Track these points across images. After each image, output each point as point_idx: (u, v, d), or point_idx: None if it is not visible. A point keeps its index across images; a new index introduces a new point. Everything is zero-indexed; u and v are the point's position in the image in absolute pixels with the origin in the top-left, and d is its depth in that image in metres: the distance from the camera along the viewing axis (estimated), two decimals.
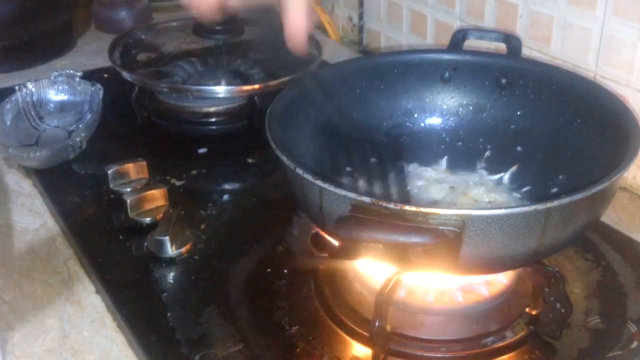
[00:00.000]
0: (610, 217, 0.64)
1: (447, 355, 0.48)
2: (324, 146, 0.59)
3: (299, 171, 0.43)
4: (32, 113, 0.77)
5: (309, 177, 0.43)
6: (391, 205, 0.39)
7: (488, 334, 0.50)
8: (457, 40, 0.64)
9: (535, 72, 0.59)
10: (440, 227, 0.38)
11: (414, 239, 0.36)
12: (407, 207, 0.39)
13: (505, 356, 0.49)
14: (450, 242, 0.38)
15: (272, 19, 0.48)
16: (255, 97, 0.77)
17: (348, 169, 0.58)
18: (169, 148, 0.77)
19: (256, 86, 0.77)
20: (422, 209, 0.39)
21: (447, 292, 0.50)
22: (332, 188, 0.42)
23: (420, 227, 0.37)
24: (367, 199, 0.40)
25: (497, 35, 0.64)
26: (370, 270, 0.52)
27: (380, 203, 0.40)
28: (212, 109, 0.80)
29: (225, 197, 0.67)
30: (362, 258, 0.45)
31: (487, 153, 0.62)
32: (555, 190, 0.56)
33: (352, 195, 0.41)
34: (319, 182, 0.42)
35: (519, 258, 0.44)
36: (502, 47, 0.63)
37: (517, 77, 0.60)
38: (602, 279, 0.56)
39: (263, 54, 0.89)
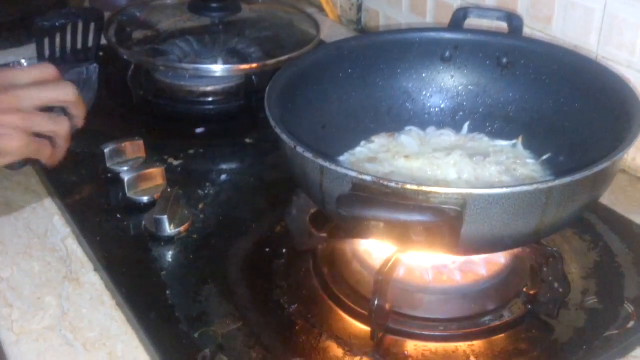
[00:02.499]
0: (609, 198, 0.64)
1: (445, 334, 0.49)
2: (323, 125, 0.58)
3: (300, 149, 0.43)
4: None
5: (309, 155, 0.42)
6: (392, 184, 0.39)
7: (486, 313, 0.50)
8: (458, 19, 0.63)
9: (536, 52, 0.59)
10: (442, 206, 0.38)
11: (416, 217, 0.36)
12: (408, 186, 0.39)
13: (503, 335, 0.49)
14: (451, 220, 0.38)
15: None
16: (253, 77, 0.76)
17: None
18: (166, 127, 0.76)
19: (254, 65, 0.77)
20: (424, 188, 0.39)
21: (445, 271, 0.50)
22: (333, 166, 0.41)
23: (422, 205, 0.37)
24: (368, 178, 0.40)
25: (498, 14, 0.63)
26: (369, 249, 0.52)
27: (381, 182, 0.39)
28: (209, 88, 0.79)
29: (223, 177, 0.67)
30: (363, 237, 0.45)
31: (487, 133, 0.62)
32: (555, 170, 0.56)
33: (353, 173, 0.40)
34: (320, 161, 0.42)
35: (520, 237, 0.44)
36: (503, 26, 0.63)
37: (518, 56, 0.59)
38: (600, 260, 0.56)
39: (260, 32, 0.88)
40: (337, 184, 0.42)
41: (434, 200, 0.39)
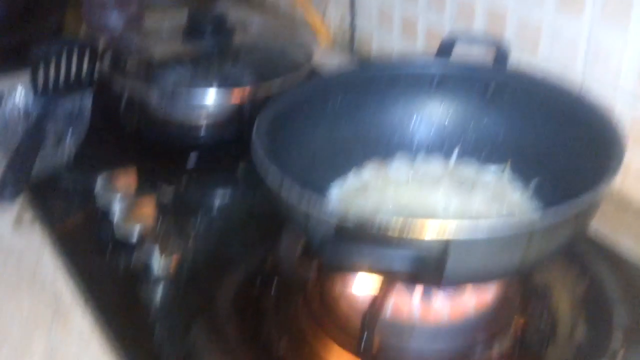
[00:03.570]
0: (596, 225, 0.64)
1: None
2: (313, 154, 0.59)
3: (284, 190, 0.43)
4: (21, 120, 0.77)
5: (294, 195, 0.43)
6: (376, 224, 0.40)
7: (474, 345, 0.50)
8: (446, 48, 0.64)
9: (522, 83, 0.59)
10: (423, 253, 0.38)
11: (397, 266, 0.37)
12: (392, 226, 0.39)
13: None
14: (433, 265, 0.38)
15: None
16: (244, 107, 0.77)
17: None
18: (158, 158, 0.76)
19: (246, 89, 0.77)
20: (407, 228, 0.39)
21: (434, 303, 0.51)
22: (316, 209, 0.42)
23: (404, 251, 0.38)
24: (352, 218, 0.40)
25: (485, 42, 0.64)
26: (358, 284, 0.52)
27: (365, 222, 0.40)
28: (202, 117, 0.80)
29: (215, 208, 0.67)
30: (348, 271, 0.45)
31: (476, 160, 0.62)
32: (541, 203, 0.56)
33: (337, 213, 0.41)
34: (304, 201, 0.42)
35: (502, 274, 0.44)
36: (490, 54, 0.63)
37: (504, 87, 0.60)
38: (588, 290, 0.56)
39: (254, 58, 0.89)
40: (322, 223, 0.42)
41: (417, 241, 0.39)
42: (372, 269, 0.37)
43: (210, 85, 0.82)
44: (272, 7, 1.20)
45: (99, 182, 0.65)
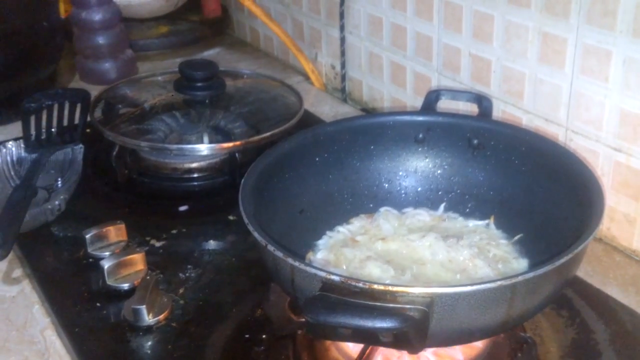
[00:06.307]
0: (585, 269, 0.65)
1: None
2: (301, 209, 0.60)
3: (270, 248, 0.44)
4: (12, 173, 0.78)
5: (279, 255, 0.43)
6: (360, 284, 0.40)
7: None
8: (431, 101, 0.66)
9: (505, 134, 0.61)
10: (408, 306, 0.39)
11: (381, 324, 0.37)
12: (375, 286, 0.40)
13: None
14: (418, 322, 0.39)
15: None
16: (237, 153, 0.78)
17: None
18: (150, 206, 0.77)
19: (237, 143, 0.79)
20: (390, 288, 0.40)
21: (422, 357, 0.51)
22: (302, 266, 0.42)
23: (388, 310, 0.38)
24: (336, 278, 0.41)
25: (468, 96, 0.65)
26: None
27: (349, 281, 0.40)
28: (194, 165, 0.81)
29: (205, 257, 0.67)
30: (333, 340, 0.46)
31: (462, 212, 0.63)
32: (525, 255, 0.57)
33: (322, 274, 0.41)
34: (290, 260, 0.43)
35: (488, 330, 0.44)
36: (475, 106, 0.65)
37: (488, 138, 0.61)
38: (577, 337, 0.56)
39: (245, 107, 0.90)
40: (308, 281, 0.43)
41: (401, 299, 0.40)
42: (356, 332, 0.38)
43: (202, 135, 0.83)
44: (265, 53, 1.23)
45: (89, 238, 0.65)
